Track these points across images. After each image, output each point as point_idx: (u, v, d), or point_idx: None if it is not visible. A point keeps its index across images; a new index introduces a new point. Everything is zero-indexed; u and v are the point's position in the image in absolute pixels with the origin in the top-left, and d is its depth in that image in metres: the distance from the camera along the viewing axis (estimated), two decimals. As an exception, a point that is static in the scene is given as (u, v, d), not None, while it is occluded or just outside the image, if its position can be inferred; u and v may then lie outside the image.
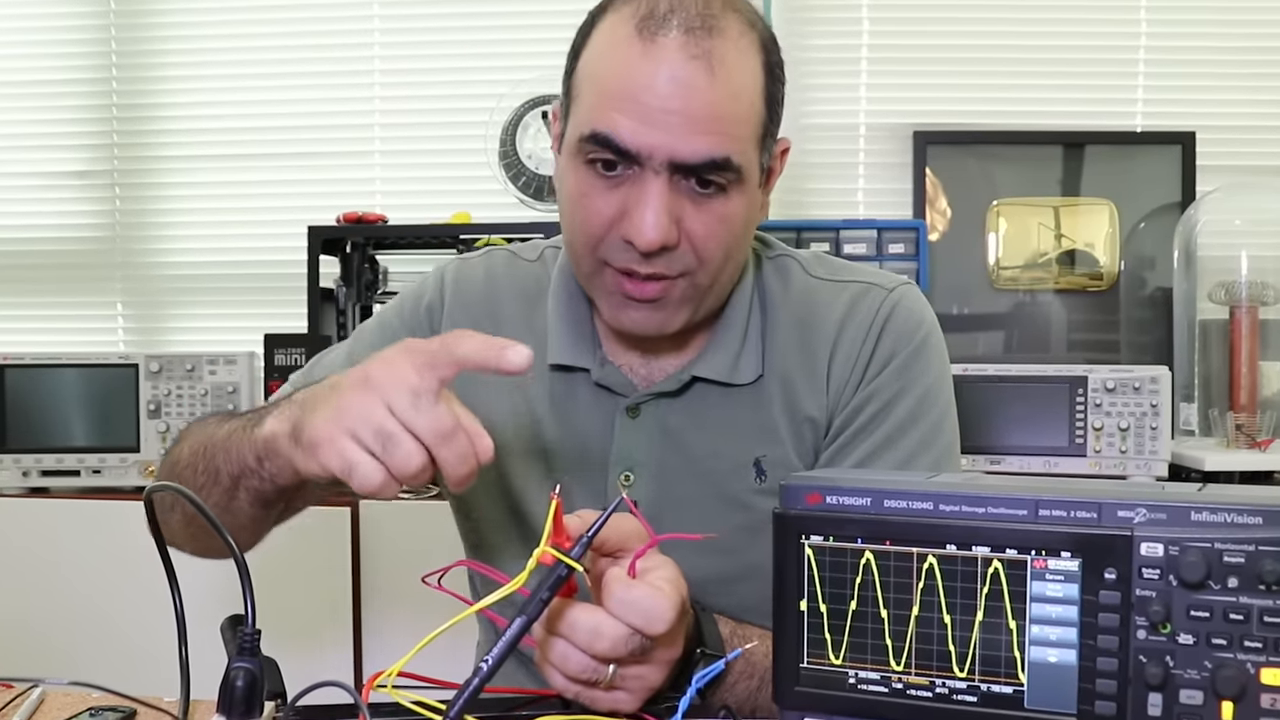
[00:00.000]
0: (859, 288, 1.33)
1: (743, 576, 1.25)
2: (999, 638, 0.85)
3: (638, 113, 1.13)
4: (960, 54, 3.05)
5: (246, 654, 0.88)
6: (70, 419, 2.62)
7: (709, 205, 1.17)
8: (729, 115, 1.14)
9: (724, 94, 1.13)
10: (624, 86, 1.14)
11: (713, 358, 1.29)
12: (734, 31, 1.15)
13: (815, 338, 1.31)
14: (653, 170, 1.14)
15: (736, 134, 1.15)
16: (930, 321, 1.33)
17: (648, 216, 1.14)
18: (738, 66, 1.15)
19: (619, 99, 1.14)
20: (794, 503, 0.91)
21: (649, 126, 1.13)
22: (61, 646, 2.56)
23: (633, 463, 1.29)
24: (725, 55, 1.13)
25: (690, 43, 1.13)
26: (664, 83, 1.12)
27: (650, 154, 1.13)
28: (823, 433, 1.30)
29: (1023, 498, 0.84)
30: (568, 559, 0.91)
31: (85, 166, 3.25)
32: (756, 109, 1.18)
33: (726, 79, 1.13)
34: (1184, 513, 0.80)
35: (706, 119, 1.13)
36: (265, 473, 1.11)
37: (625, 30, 1.15)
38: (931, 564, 0.86)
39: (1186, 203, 2.89)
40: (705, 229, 1.17)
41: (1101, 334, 2.99)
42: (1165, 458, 2.40)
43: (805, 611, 0.90)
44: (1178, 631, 0.80)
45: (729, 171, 1.15)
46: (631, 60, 1.14)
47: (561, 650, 0.96)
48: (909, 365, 1.29)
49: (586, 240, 1.20)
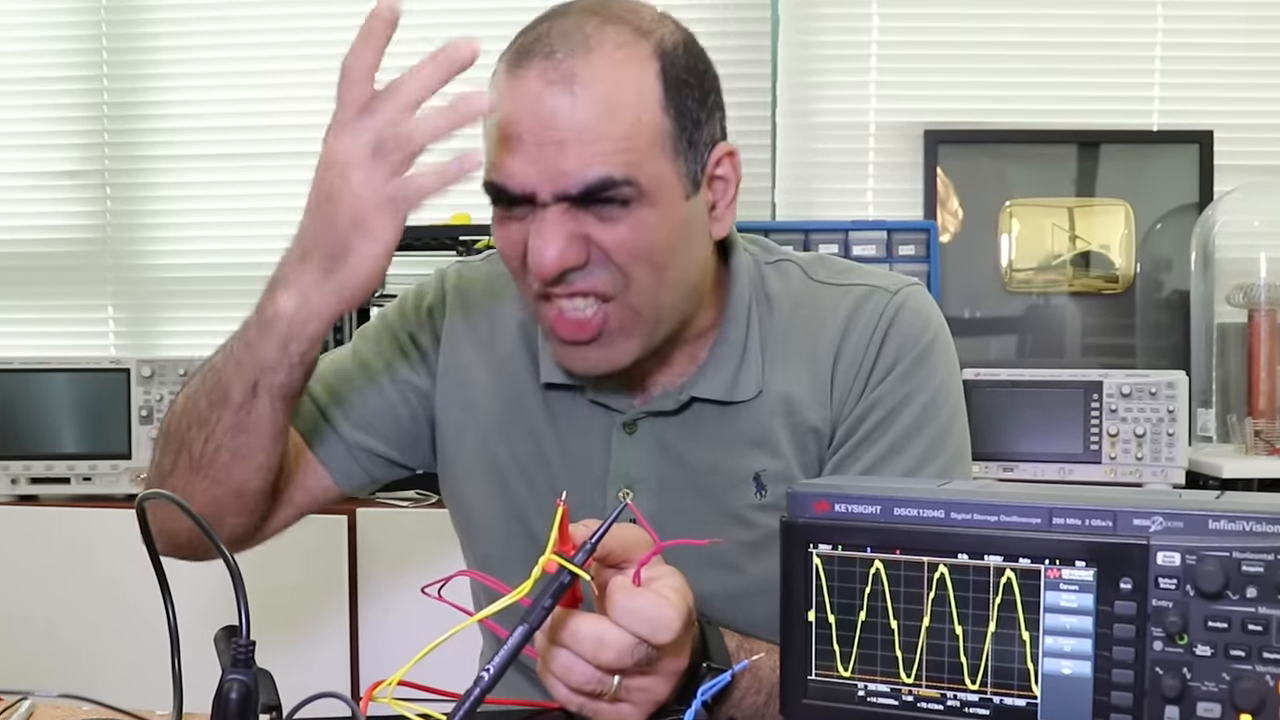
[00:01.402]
0: (862, 290, 1.32)
1: (748, 593, 1.25)
2: (1012, 649, 0.85)
3: (515, 151, 1.15)
4: (972, 51, 3.05)
5: (241, 666, 0.88)
6: (60, 425, 2.62)
7: (616, 222, 1.16)
8: (604, 134, 1.13)
9: (593, 114, 1.13)
10: (501, 126, 1.16)
11: (712, 376, 1.29)
12: (609, 45, 1.15)
13: (817, 344, 1.30)
14: (542, 203, 1.15)
15: (619, 149, 1.13)
16: (937, 324, 1.32)
17: (537, 246, 1.15)
18: (610, 80, 1.14)
19: (498, 142, 1.16)
20: (802, 511, 0.91)
21: (527, 164, 1.14)
22: (51, 658, 2.56)
23: (631, 479, 1.30)
24: (591, 74, 1.13)
25: (549, 68, 1.13)
26: (527, 116, 1.14)
27: (534, 190, 1.14)
28: (826, 443, 1.30)
29: (1036, 506, 0.84)
30: (571, 565, 0.91)
31: (75, 166, 3.25)
32: (649, 120, 1.16)
33: (593, 98, 1.13)
34: (1201, 521, 0.81)
35: (578, 143, 1.12)
36: (292, 357, 1.18)
37: (502, 70, 1.19)
38: (943, 573, 0.86)
39: (1204, 203, 2.89)
40: (617, 242, 1.16)
41: (1117, 338, 2.99)
42: (1182, 465, 2.40)
43: (813, 622, 0.90)
44: (1195, 643, 0.80)
45: (623, 187, 1.14)
46: (503, 100, 1.16)
47: (565, 660, 0.96)
48: (914, 370, 1.28)
49: (515, 277, 1.23)
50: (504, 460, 1.35)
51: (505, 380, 1.36)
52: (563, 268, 1.15)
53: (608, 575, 0.99)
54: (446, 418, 1.39)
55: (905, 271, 2.63)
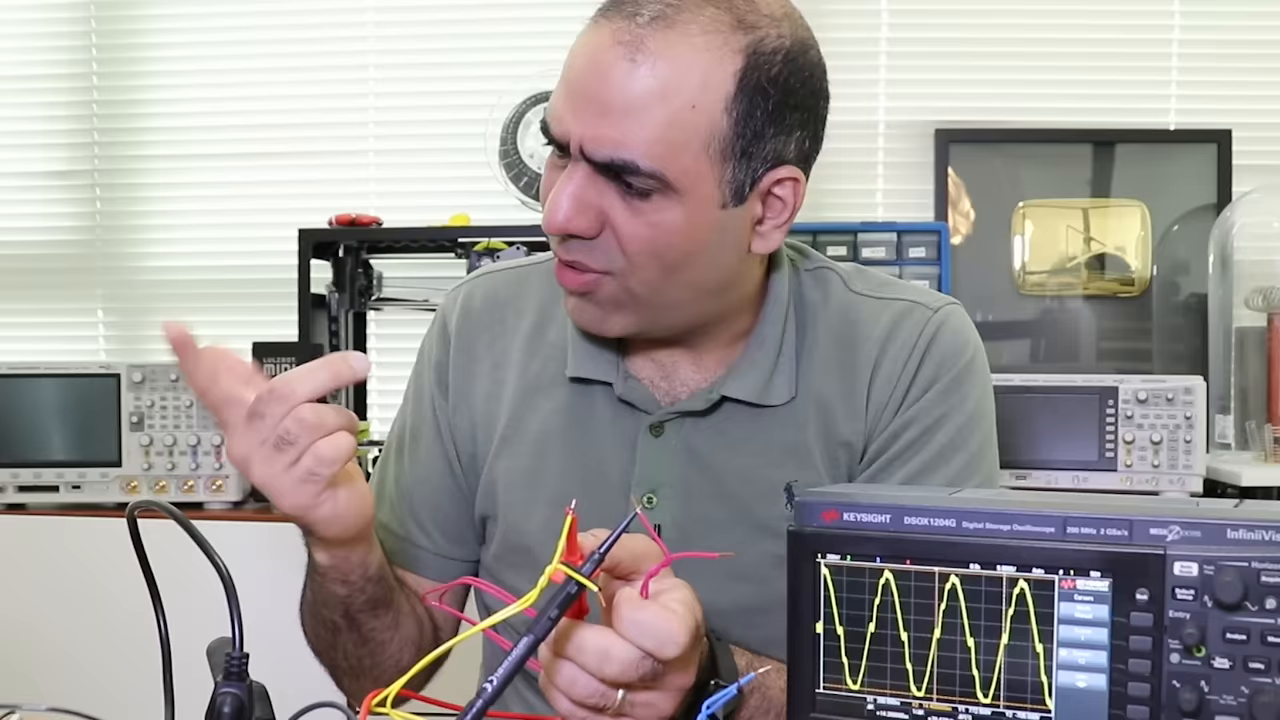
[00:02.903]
0: (903, 306, 1.31)
1: (767, 608, 1.24)
2: (1025, 661, 0.85)
3: (563, 96, 1.14)
4: (984, 47, 3.05)
5: (234, 678, 0.88)
6: (48, 431, 2.62)
7: (638, 208, 1.14)
8: (648, 114, 1.11)
9: (644, 90, 1.10)
10: (564, 69, 1.15)
11: (745, 377, 1.28)
12: (695, 26, 1.12)
13: (855, 357, 1.29)
14: (574, 158, 1.15)
15: (657, 136, 1.11)
16: (975, 345, 1.32)
17: (553, 198, 1.15)
18: (678, 62, 1.11)
19: (561, 79, 1.16)
20: (809, 519, 0.91)
21: (569, 112, 1.13)
22: (40, 671, 2.57)
23: (656, 484, 1.29)
24: (660, 48, 1.10)
25: (624, 28, 1.11)
26: (583, 64, 1.13)
27: (567, 139, 1.14)
28: (858, 457, 1.29)
29: (1050, 514, 0.84)
30: (579, 575, 0.91)
31: (64, 166, 3.27)
32: (705, 115, 1.13)
33: (653, 74, 1.10)
34: (1220, 530, 0.81)
35: (619, 114, 1.11)
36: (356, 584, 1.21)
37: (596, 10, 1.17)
38: (954, 584, 0.86)
39: (1222, 204, 2.89)
40: (630, 229, 1.15)
41: (1133, 342, 2.99)
42: (1200, 472, 2.40)
43: (821, 634, 0.90)
44: (1213, 655, 0.80)
45: (646, 179, 1.12)
46: (575, 44, 1.15)
47: (569, 673, 0.96)
48: (952, 390, 1.28)
49: None
50: (513, 469, 1.34)
51: (520, 381, 1.35)
52: (567, 231, 1.15)
53: (616, 586, 0.98)
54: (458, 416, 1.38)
55: (916, 275, 2.64)
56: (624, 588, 0.97)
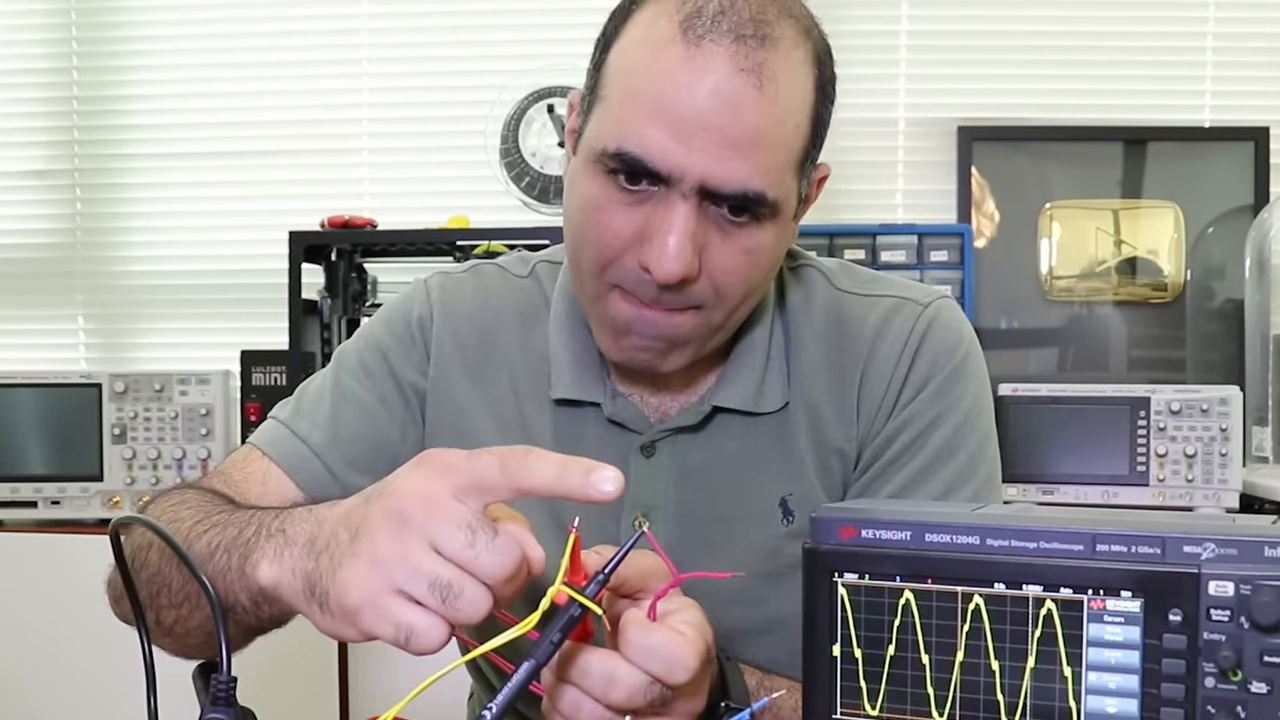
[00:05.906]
0: (891, 303, 1.32)
1: (769, 629, 1.24)
2: (1052, 686, 0.85)
3: (673, 127, 1.09)
4: (1009, 40, 3.05)
5: (221, 704, 0.88)
6: (26, 444, 2.63)
7: (737, 237, 1.14)
8: (772, 141, 1.11)
9: (771, 116, 1.10)
10: (660, 95, 1.10)
11: (734, 384, 1.29)
12: (788, 42, 1.12)
13: (843, 359, 1.30)
14: (680, 193, 1.11)
15: (776, 162, 1.12)
16: (969, 339, 1.32)
17: (670, 244, 1.11)
18: (789, 84, 1.11)
19: (653, 109, 1.10)
20: (826, 537, 0.91)
21: (684, 145, 1.09)
22: (17, 695, 2.57)
23: (648, 506, 1.29)
24: (777, 70, 1.10)
25: (741, 52, 1.09)
26: (706, 95, 1.08)
27: (682, 176, 1.10)
28: (851, 465, 1.30)
29: (1079, 531, 0.85)
30: (583, 598, 0.91)
31: (42, 165, 3.27)
32: (802, 133, 1.15)
33: (775, 98, 1.10)
34: (1257, 548, 0.81)
35: (749, 143, 1.09)
36: (263, 614, 1.01)
37: (667, 27, 1.11)
38: (978, 604, 0.86)
39: (1259, 205, 2.89)
40: (729, 263, 1.14)
41: (1166, 350, 2.99)
42: (1236, 487, 2.40)
43: (838, 657, 0.90)
44: (1249, 679, 0.80)
45: (763, 206, 1.12)
46: (672, 64, 1.09)
47: (573, 699, 0.96)
48: (946, 389, 1.28)
49: (596, 259, 1.17)
50: None
51: (502, 402, 1.34)
52: (684, 278, 1.12)
53: (622, 606, 0.98)
54: (436, 440, 1.36)
55: (938, 279, 2.65)
56: (631, 608, 0.97)
